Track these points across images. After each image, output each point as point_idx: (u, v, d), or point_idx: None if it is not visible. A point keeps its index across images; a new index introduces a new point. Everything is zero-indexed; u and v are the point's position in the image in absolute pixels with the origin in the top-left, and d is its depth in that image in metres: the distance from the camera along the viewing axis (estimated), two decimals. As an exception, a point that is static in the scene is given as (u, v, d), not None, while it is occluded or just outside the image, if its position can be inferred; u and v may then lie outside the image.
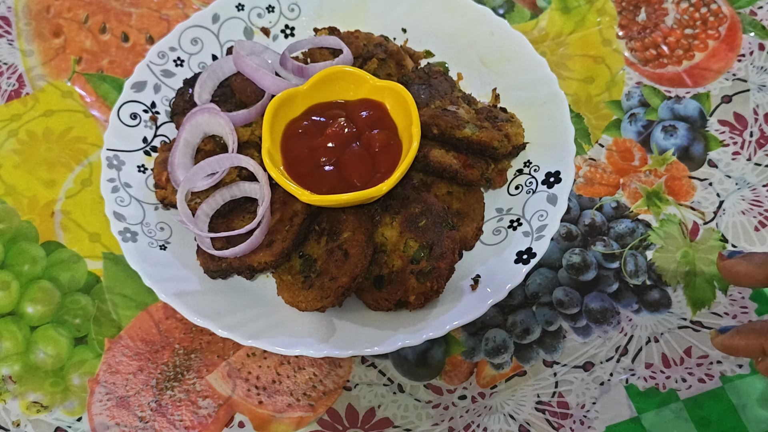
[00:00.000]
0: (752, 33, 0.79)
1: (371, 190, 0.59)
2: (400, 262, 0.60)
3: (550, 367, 0.64)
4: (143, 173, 0.67)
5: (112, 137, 0.67)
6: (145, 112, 0.69)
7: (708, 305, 0.66)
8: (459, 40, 0.74)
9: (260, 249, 0.60)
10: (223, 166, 0.63)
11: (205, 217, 0.63)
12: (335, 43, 0.69)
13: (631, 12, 0.81)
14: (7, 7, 0.81)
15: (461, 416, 0.62)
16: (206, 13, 0.72)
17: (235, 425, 0.62)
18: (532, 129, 0.68)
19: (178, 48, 0.71)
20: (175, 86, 0.70)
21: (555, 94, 0.68)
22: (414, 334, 0.58)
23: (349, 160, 0.62)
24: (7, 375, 0.64)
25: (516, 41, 0.71)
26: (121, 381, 0.64)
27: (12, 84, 0.77)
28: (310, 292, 0.59)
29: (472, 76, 0.73)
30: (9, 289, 0.67)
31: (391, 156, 0.62)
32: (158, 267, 0.61)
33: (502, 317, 0.66)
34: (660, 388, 0.63)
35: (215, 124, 0.65)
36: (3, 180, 0.72)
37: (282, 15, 0.75)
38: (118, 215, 0.63)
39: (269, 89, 0.66)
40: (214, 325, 0.58)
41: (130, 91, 0.69)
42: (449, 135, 0.64)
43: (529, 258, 0.61)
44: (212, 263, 0.62)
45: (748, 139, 0.73)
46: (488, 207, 0.66)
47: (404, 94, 0.63)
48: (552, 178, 0.64)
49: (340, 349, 0.57)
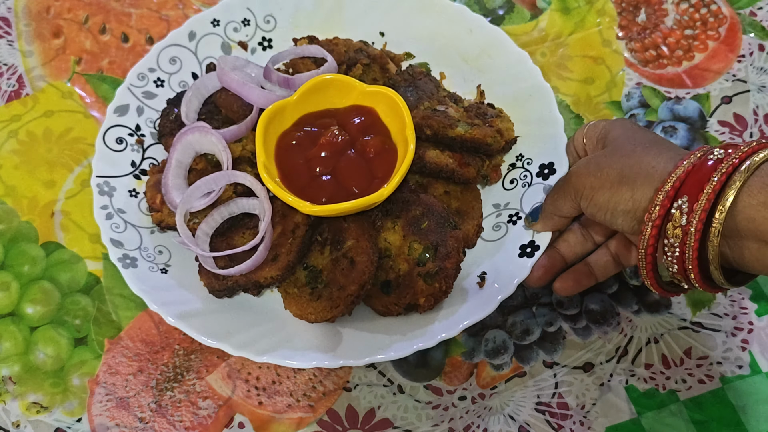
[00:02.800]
0: (752, 34, 0.79)
1: (373, 196, 0.59)
2: (406, 266, 0.60)
3: (550, 368, 0.64)
4: (135, 197, 0.66)
5: (101, 163, 0.65)
6: (131, 135, 0.68)
7: (708, 306, 0.66)
8: (438, 39, 0.74)
9: (265, 264, 0.60)
10: (219, 184, 0.62)
11: (206, 237, 0.63)
12: (318, 52, 0.69)
13: (630, 13, 0.81)
14: (7, 8, 0.81)
15: (461, 417, 0.62)
16: (182, 32, 0.71)
17: (235, 426, 0.62)
18: (520, 123, 0.68)
19: (157, 68, 0.70)
20: (158, 107, 0.70)
21: (540, 86, 0.68)
22: (427, 336, 0.58)
23: (345, 168, 0.61)
24: (7, 376, 0.64)
25: (495, 36, 0.71)
26: (121, 382, 0.64)
27: (12, 85, 0.77)
28: (318, 304, 0.59)
29: (455, 74, 0.73)
30: (9, 290, 0.67)
31: (387, 160, 0.62)
32: (162, 291, 0.60)
33: (501, 318, 0.66)
34: (660, 389, 0.63)
35: (207, 142, 0.64)
36: (3, 181, 0.72)
37: (258, 28, 0.74)
38: (115, 242, 0.62)
39: (257, 103, 0.65)
40: (226, 345, 0.57)
41: (113, 115, 0.68)
42: (442, 135, 0.64)
43: (533, 251, 0.61)
44: (217, 282, 0.61)
45: (748, 139, 0.73)
46: (485, 203, 0.66)
47: (395, 97, 0.63)
48: (546, 170, 0.64)
49: (354, 359, 0.57)
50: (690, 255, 0.47)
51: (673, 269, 0.49)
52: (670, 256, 0.49)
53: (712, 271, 0.48)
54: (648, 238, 0.49)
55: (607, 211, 0.53)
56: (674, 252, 0.48)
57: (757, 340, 0.65)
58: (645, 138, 0.54)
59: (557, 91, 0.76)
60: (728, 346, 0.64)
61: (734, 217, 0.46)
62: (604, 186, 0.52)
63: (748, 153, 0.47)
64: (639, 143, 0.53)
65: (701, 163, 0.48)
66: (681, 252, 0.48)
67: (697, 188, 0.47)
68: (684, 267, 0.48)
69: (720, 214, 0.46)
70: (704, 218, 0.46)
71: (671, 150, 0.52)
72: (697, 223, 0.46)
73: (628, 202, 0.51)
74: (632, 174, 0.51)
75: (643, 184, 0.50)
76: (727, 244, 0.48)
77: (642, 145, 0.53)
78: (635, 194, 0.50)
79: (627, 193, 0.51)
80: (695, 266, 0.48)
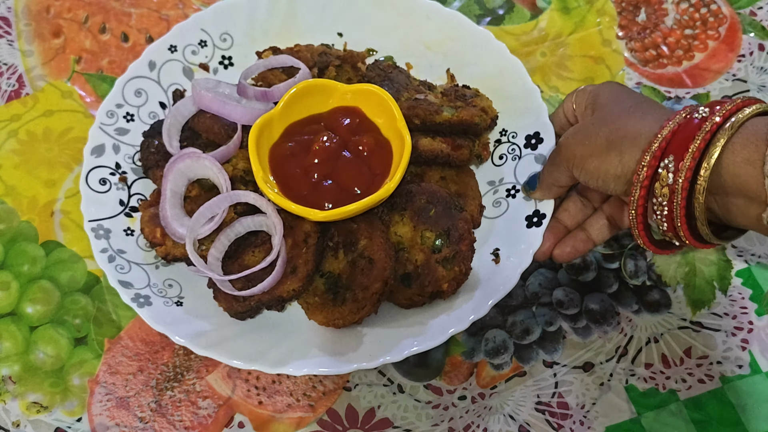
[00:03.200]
0: (752, 33, 0.79)
1: (380, 192, 0.59)
2: (422, 255, 0.60)
3: (550, 368, 0.64)
4: (132, 236, 0.65)
5: (90, 208, 0.64)
6: (112, 174, 0.66)
7: (708, 305, 0.66)
8: (397, 31, 0.74)
9: (285, 278, 0.60)
10: (222, 207, 0.62)
11: (217, 262, 0.62)
12: (288, 61, 0.69)
13: (630, 12, 0.81)
14: (7, 7, 0.81)
15: (461, 417, 0.62)
16: (141, 62, 0.70)
17: (235, 425, 0.62)
18: (497, 99, 0.68)
19: (124, 103, 0.69)
20: (133, 142, 0.68)
21: (508, 60, 0.68)
22: (458, 319, 0.58)
23: (344, 170, 0.62)
24: (7, 375, 0.64)
25: (454, 20, 0.72)
26: (121, 381, 0.64)
27: (12, 84, 0.77)
28: (344, 308, 0.59)
29: (421, 63, 0.74)
30: (9, 290, 0.67)
31: (382, 156, 0.62)
32: (183, 324, 0.60)
33: (501, 318, 0.66)
34: (660, 388, 0.63)
35: (199, 167, 0.64)
36: (3, 181, 0.72)
37: (216, 47, 0.73)
38: (124, 283, 0.61)
39: (241, 120, 0.65)
40: (263, 365, 0.57)
41: (91, 157, 0.66)
42: (430, 122, 0.64)
43: (539, 220, 0.61)
44: (239, 305, 0.60)
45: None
46: (480, 183, 0.67)
47: (380, 93, 0.63)
48: (533, 140, 0.65)
49: (391, 354, 0.57)
50: (678, 213, 0.48)
51: (663, 227, 0.50)
52: (659, 215, 0.50)
53: (699, 227, 0.49)
54: (637, 199, 0.50)
55: (598, 178, 0.53)
56: (663, 210, 0.49)
57: (757, 340, 0.65)
58: (631, 101, 0.55)
59: (557, 90, 0.76)
60: (728, 346, 0.65)
61: (719, 174, 0.47)
62: (593, 153, 0.53)
63: (732, 111, 0.47)
64: (625, 108, 0.54)
65: (686, 123, 0.48)
66: (669, 210, 0.49)
67: (682, 147, 0.47)
68: (673, 224, 0.49)
69: (705, 172, 0.46)
70: (690, 176, 0.47)
71: (657, 111, 0.53)
72: (683, 182, 0.47)
73: (618, 166, 0.52)
74: (618, 139, 0.52)
75: (630, 148, 0.51)
76: (714, 201, 0.49)
77: (627, 110, 0.53)
78: (623, 158, 0.51)
79: (616, 158, 0.52)
80: (683, 223, 0.49)
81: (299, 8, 0.74)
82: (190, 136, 0.68)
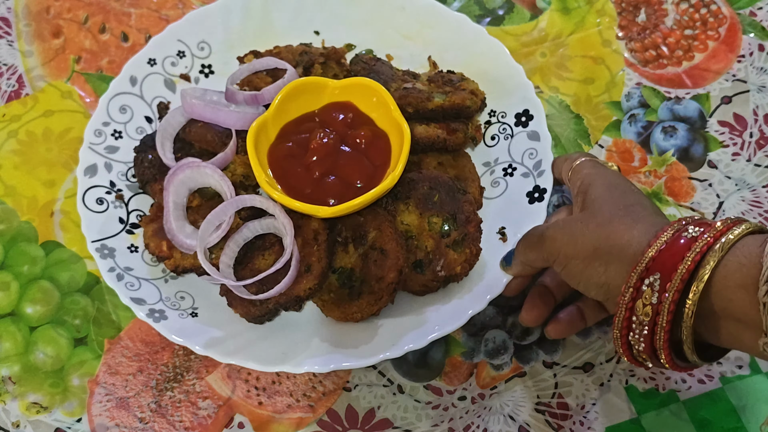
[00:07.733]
0: (752, 34, 0.79)
1: (384, 183, 0.60)
2: (431, 242, 0.61)
3: (550, 368, 0.64)
4: (136, 252, 0.65)
5: (91, 229, 0.64)
6: (108, 193, 0.66)
7: (708, 306, 0.66)
8: (374, 24, 0.74)
9: (301, 277, 0.60)
10: (229, 213, 0.62)
11: (229, 269, 0.62)
12: (273, 63, 0.68)
13: (630, 13, 0.81)
14: (7, 8, 0.81)
15: (461, 417, 0.62)
16: (123, 78, 0.70)
17: (235, 426, 0.62)
18: (482, 81, 0.69)
19: (110, 121, 0.68)
20: (124, 159, 0.68)
21: (488, 42, 0.70)
22: (474, 300, 0.59)
23: (344, 165, 0.62)
24: (7, 376, 0.64)
25: (428, 7, 0.72)
26: (121, 382, 0.64)
27: (12, 85, 0.77)
28: (361, 301, 0.59)
29: (401, 53, 0.74)
30: (8, 290, 0.67)
31: (381, 147, 0.63)
32: (201, 335, 0.59)
33: (501, 318, 0.66)
34: (660, 389, 0.63)
35: (200, 176, 0.63)
36: (3, 181, 0.72)
37: (194, 57, 0.73)
38: (136, 300, 0.61)
39: (235, 125, 0.65)
40: (289, 367, 0.57)
41: (85, 178, 0.66)
42: (423, 109, 0.65)
43: (541, 195, 0.62)
44: (256, 309, 0.60)
45: (748, 140, 0.74)
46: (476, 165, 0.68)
47: (372, 85, 0.64)
48: (523, 117, 0.67)
49: (414, 342, 0.57)
50: (661, 336, 0.46)
51: (640, 347, 0.48)
52: (638, 334, 0.48)
53: (686, 351, 0.47)
54: (622, 321, 0.48)
55: (580, 282, 0.53)
56: (642, 330, 0.47)
57: (756, 340, 0.65)
58: (622, 201, 0.54)
59: (557, 91, 0.76)
60: (728, 347, 0.64)
61: (709, 297, 0.45)
62: (578, 256, 0.52)
63: (723, 231, 0.46)
64: (615, 211, 0.53)
65: (674, 241, 0.46)
66: (649, 330, 0.47)
67: (670, 267, 0.45)
68: (653, 346, 0.47)
69: (694, 295, 0.44)
70: (677, 299, 0.45)
71: (648, 218, 0.51)
72: (669, 304, 0.45)
73: (601, 276, 0.50)
74: (606, 248, 0.50)
75: (616, 260, 0.49)
76: (701, 324, 0.47)
77: (618, 214, 0.52)
78: (608, 270, 0.50)
79: (600, 267, 0.50)
80: (666, 347, 0.47)
81: (272, 10, 0.74)
82: (183, 147, 0.67)
